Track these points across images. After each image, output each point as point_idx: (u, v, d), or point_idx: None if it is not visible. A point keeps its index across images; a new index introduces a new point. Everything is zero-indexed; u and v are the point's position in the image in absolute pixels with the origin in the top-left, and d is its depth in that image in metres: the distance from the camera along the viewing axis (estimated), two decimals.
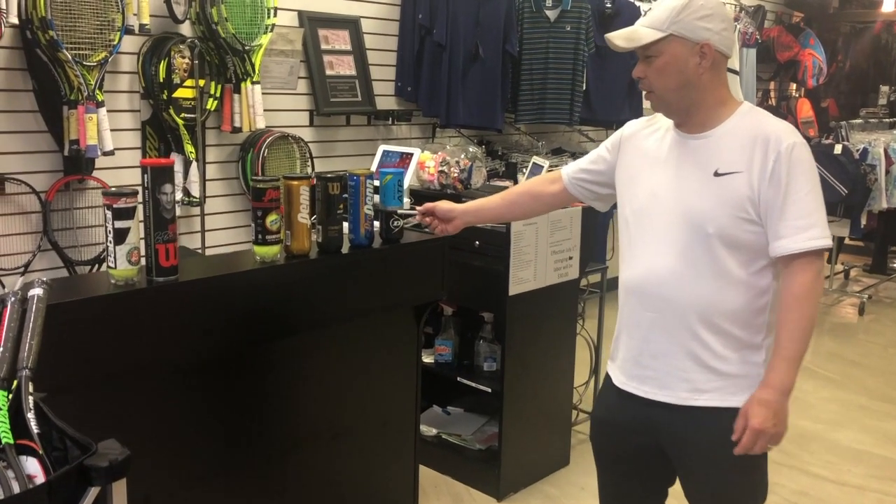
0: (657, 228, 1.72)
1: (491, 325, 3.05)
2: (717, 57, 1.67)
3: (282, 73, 3.72)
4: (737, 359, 1.68)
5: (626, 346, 1.81)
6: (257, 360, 2.02)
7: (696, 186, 1.67)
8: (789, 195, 1.60)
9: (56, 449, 1.25)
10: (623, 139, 1.88)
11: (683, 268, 1.68)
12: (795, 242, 1.60)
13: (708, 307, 1.67)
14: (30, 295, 1.39)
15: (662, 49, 1.64)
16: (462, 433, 3.25)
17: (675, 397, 1.72)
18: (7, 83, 2.90)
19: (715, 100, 1.69)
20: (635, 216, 1.78)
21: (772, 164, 1.61)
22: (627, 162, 1.84)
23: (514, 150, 4.88)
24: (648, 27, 1.66)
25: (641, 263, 1.75)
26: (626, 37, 1.69)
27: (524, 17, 4.55)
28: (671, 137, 1.75)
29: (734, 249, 1.65)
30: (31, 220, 3.00)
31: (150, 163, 1.74)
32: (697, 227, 1.66)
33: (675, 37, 1.63)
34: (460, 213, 2.11)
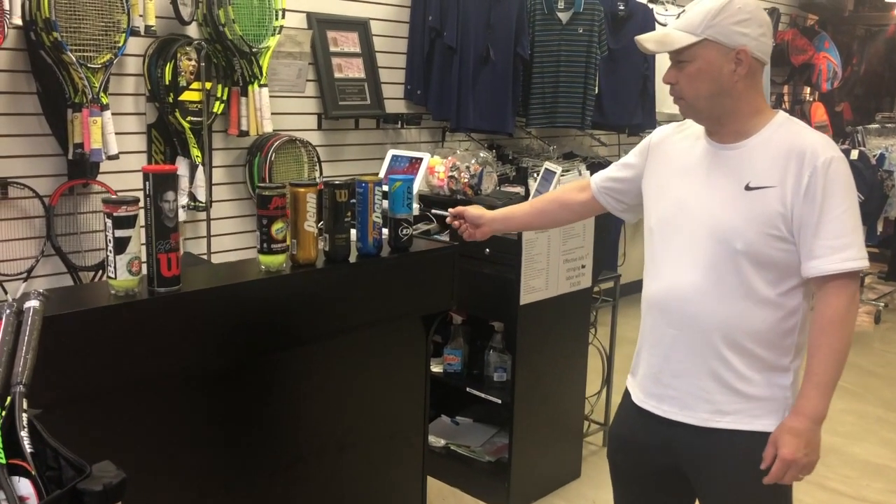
0: (683, 242, 1.65)
1: (501, 334, 2.99)
2: (754, 64, 1.58)
3: (290, 76, 3.67)
4: (762, 381, 1.61)
5: (646, 363, 1.74)
6: (262, 372, 1.96)
7: (725, 200, 1.59)
8: (825, 213, 1.52)
9: (50, 468, 1.19)
10: (651, 146, 1.81)
11: (708, 284, 1.60)
12: (830, 263, 1.52)
13: (733, 327, 1.60)
14: (25, 307, 1.33)
15: (696, 54, 1.56)
16: (471, 444, 3.18)
17: (695, 418, 1.64)
18: (10, 85, 2.85)
19: (749, 109, 1.61)
20: (661, 227, 1.71)
21: (807, 179, 1.52)
22: (655, 170, 1.77)
23: (525, 155, 4.82)
24: (682, 31, 1.57)
25: (665, 277, 1.68)
26: (657, 40, 1.62)
27: (536, 20, 4.49)
28: (702, 146, 1.67)
29: (762, 267, 1.58)
30: (35, 224, 2.96)
31: (152, 169, 1.68)
32: (725, 242, 1.58)
33: (710, 41, 1.55)
34: (489, 220, 2.08)
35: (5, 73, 2.83)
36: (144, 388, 1.71)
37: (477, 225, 2.08)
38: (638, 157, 1.84)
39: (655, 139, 1.81)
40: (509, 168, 4.44)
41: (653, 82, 5.14)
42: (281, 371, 2.01)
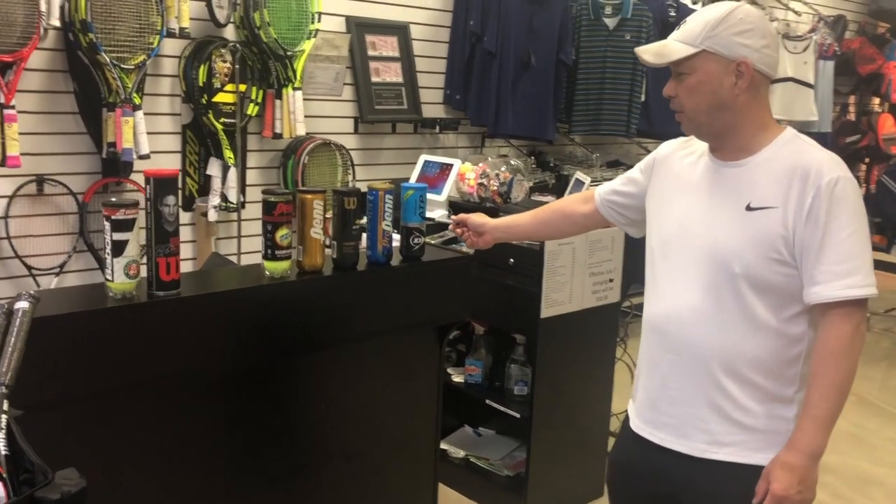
0: (682, 263, 1.58)
1: (523, 347, 2.92)
2: (757, 77, 1.51)
3: (327, 80, 3.67)
4: (763, 412, 1.53)
5: (644, 388, 1.68)
6: (265, 378, 1.95)
7: (725, 220, 1.53)
8: (828, 236, 1.44)
9: (27, 471, 1.19)
10: (657, 161, 1.75)
11: (707, 309, 1.54)
12: (832, 290, 1.44)
13: (732, 354, 1.52)
14: (15, 308, 1.34)
15: (695, 66, 1.50)
16: (491, 457, 3.13)
17: (691, 448, 1.58)
18: (49, 85, 2.92)
19: (752, 125, 1.54)
20: (661, 247, 1.64)
21: (810, 200, 1.45)
22: (658, 187, 1.71)
23: (568, 162, 4.74)
24: (681, 41, 1.52)
25: (664, 300, 1.62)
26: (655, 51, 1.57)
27: (581, 25, 4.41)
28: (704, 163, 1.61)
29: (763, 292, 1.50)
30: (69, 220, 3.03)
31: (152, 173, 1.69)
32: (723, 265, 1.51)
33: (709, 53, 1.49)
34: (491, 228, 2.06)
35: (44, 73, 2.90)
36: (143, 391, 1.71)
37: (479, 233, 2.06)
38: (643, 173, 1.78)
39: (661, 154, 1.75)
40: (549, 175, 4.37)
41: None
42: (286, 378, 2.00)
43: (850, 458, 3.55)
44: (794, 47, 6.08)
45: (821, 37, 6.32)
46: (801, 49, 6.11)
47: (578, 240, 2.74)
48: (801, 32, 6.19)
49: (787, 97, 6.03)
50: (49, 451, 1.13)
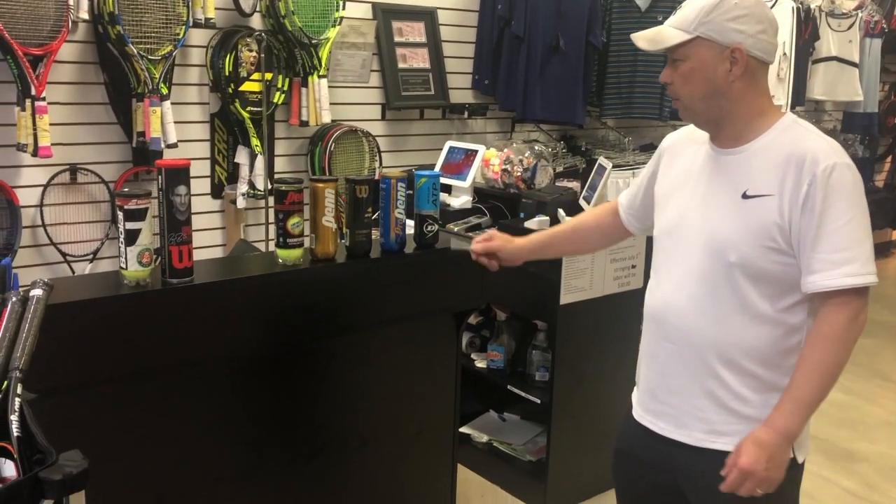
0: (681, 253, 1.58)
1: (545, 333, 2.93)
2: (752, 63, 1.50)
3: (354, 67, 3.70)
4: (760, 402, 1.52)
5: (644, 377, 1.69)
6: (279, 364, 1.98)
7: (721, 209, 1.52)
8: (824, 224, 1.42)
9: (39, 452, 1.24)
10: (662, 153, 1.75)
11: (703, 298, 1.53)
12: (829, 279, 1.42)
13: (728, 343, 1.52)
14: (30, 295, 1.39)
15: (689, 53, 1.49)
16: (514, 442, 3.14)
17: (690, 437, 1.58)
18: (80, 76, 3.00)
19: (749, 111, 1.52)
20: (663, 237, 1.65)
21: (806, 187, 1.43)
22: (664, 177, 1.70)
23: (600, 146, 4.69)
24: (675, 28, 1.50)
25: (663, 289, 1.62)
26: (650, 38, 1.55)
27: (613, 7, 4.35)
28: (705, 151, 1.60)
29: (759, 282, 1.49)
30: (101, 208, 3.11)
31: (164, 164, 1.73)
32: (719, 254, 1.50)
33: (703, 39, 1.47)
34: (526, 254, 2.00)
35: (75, 65, 2.98)
36: (157, 377, 1.76)
37: (511, 260, 1.99)
38: (651, 171, 1.77)
39: (665, 145, 1.75)
40: (579, 160, 4.33)
41: None
42: (301, 364, 2.03)
43: (884, 446, 3.48)
44: (839, 25, 5.90)
45: (867, 13, 6.12)
46: (846, 27, 5.93)
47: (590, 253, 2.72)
48: (846, 9, 6.01)
49: (830, 77, 5.86)
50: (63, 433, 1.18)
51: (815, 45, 5.77)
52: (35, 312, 1.37)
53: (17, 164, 2.90)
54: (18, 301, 1.38)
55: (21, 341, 1.30)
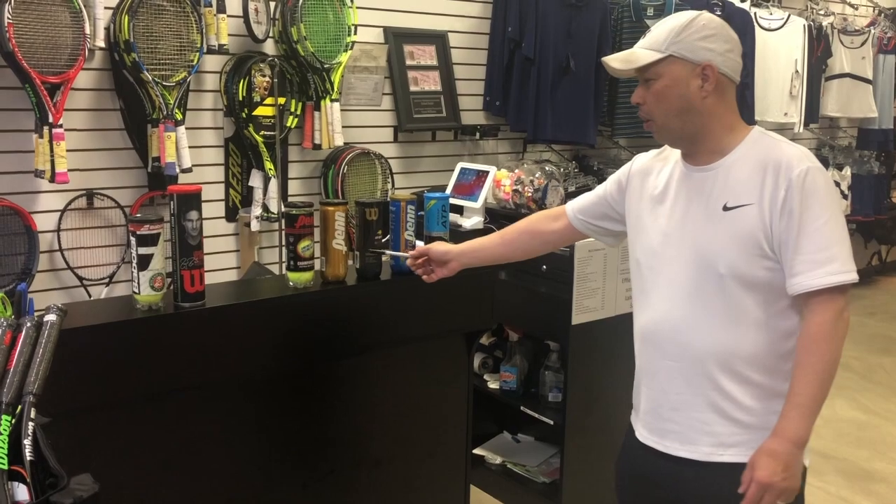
0: (668, 271, 1.61)
1: (557, 353, 2.92)
2: (722, 80, 1.55)
3: (366, 90, 3.74)
4: (762, 409, 1.54)
5: (646, 398, 1.70)
6: (291, 386, 2.00)
7: (704, 224, 1.56)
8: (804, 226, 1.46)
9: (52, 476, 1.26)
10: (631, 174, 1.77)
11: (697, 312, 1.56)
12: (813, 279, 1.46)
13: (727, 353, 1.54)
14: (44, 320, 1.42)
15: (661, 71, 1.54)
16: (527, 463, 3.13)
17: (698, 453, 1.59)
18: (97, 103, 3.05)
19: (721, 127, 1.56)
20: (646, 258, 1.67)
21: (783, 192, 1.47)
22: (635, 200, 1.73)
23: (612, 166, 4.70)
24: (647, 48, 1.56)
25: (654, 309, 1.64)
26: (622, 59, 1.59)
27: (623, 27, 4.38)
28: (679, 171, 1.64)
29: (750, 289, 1.52)
30: (117, 233, 3.15)
31: (176, 189, 1.76)
32: (708, 266, 1.54)
33: (675, 58, 1.53)
34: (456, 254, 1.97)
35: (92, 92, 3.03)
36: (169, 400, 1.77)
37: (443, 262, 1.96)
38: (618, 185, 1.80)
39: (635, 167, 1.77)
40: (591, 180, 4.34)
41: (752, 90, 4.91)
42: (313, 385, 2.04)
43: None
44: (851, 42, 5.90)
45: (880, 30, 6.12)
46: (859, 43, 5.93)
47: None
48: (858, 26, 6.00)
49: (844, 93, 5.85)
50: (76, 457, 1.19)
51: (827, 62, 5.77)
52: (49, 337, 1.39)
53: (34, 189, 2.95)
54: (33, 326, 1.40)
55: (35, 366, 1.32)
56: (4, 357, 1.29)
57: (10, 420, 1.22)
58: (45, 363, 1.34)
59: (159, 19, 2.95)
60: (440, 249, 1.98)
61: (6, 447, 1.21)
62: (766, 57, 5.07)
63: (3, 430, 1.23)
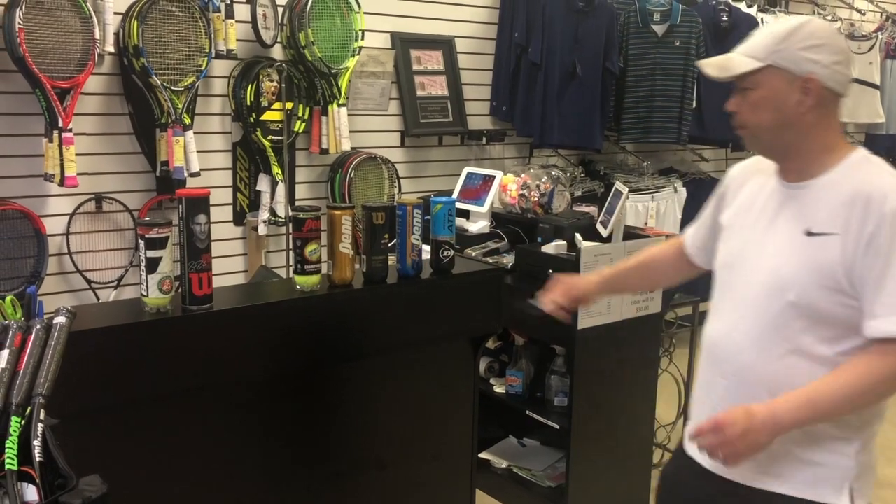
0: (740, 287, 1.53)
1: (563, 358, 2.92)
2: (825, 94, 1.44)
3: (373, 95, 3.75)
4: (818, 447, 1.46)
5: (698, 409, 1.63)
6: (298, 389, 2.01)
7: (784, 245, 1.47)
8: (890, 267, 1.36)
9: (61, 477, 1.27)
10: (728, 182, 1.70)
11: (757, 336, 1.48)
12: (891, 325, 1.36)
13: (783, 385, 1.44)
14: (53, 322, 1.43)
15: (759, 81, 1.45)
16: (533, 468, 3.13)
17: (741, 476, 1.51)
18: (106, 107, 3.07)
19: (819, 145, 1.47)
20: (723, 269, 1.61)
21: (871, 228, 1.37)
22: (729, 208, 1.66)
23: (618, 170, 4.71)
24: (745, 55, 1.46)
25: (721, 323, 1.58)
26: (719, 65, 1.50)
27: (629, 33, 4.38)
28: (771, 184, 1.55)
29: (819, 323, 1.43)
30: (126, 236, 3.17)
31: (184, 193, 1.77)
32: (778, 291, 1.45)
33: (775, 68, 1.43)
34: (595, 291, 1.91)
35: (101, 97, 3.05)
36: (177, 402, 1.79)
37: (582, 301, 1.92)
38: (715, 200, 1.72)
39: (731, 175, 1.70)
40: (597, 184, 4.35)
41: None
42: (319, 389, 2.05)
43: None
44: (859, 47, 5.89)
45: (888, 35, 6.11)
46: (866, 49, 5.92)
47: (615, 251, 2.72)
48: (865, 32, 6.00)
49: (852, 99, 5.83)
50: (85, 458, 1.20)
51: None
52: (58, 339, 1.40)
53: (44, 193, 2.97)
54: (42, 328, 1.41)
55: (44, 368, 1.33)
56: (14, 359, 1.30)
57: (19, 421, 1.23)
58: (54, 365, 1.35)
59: (168, 25, 2.97)
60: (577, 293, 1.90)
61: (16, 448, 1.22)
62: None
63: (14, 432, 1.24)
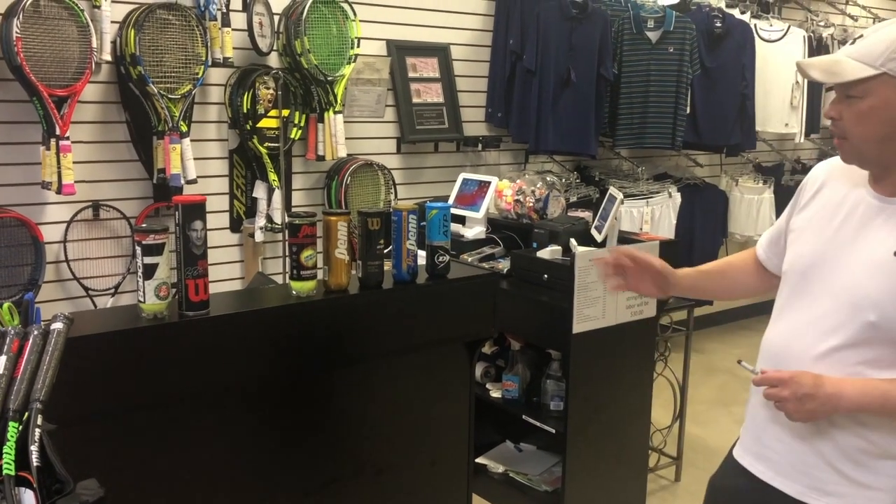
0: (812, 296, 1.48)
1: (558, 362, 2.94)
2: None
3: (369, 102, 3.77)
4: (875, 467, 1.43)
5: (752, 416, 1.60)
6: (294, 395, 2.02)
7: (870, 262, 1.40)
8: None
9: (58, 482, 1.28)
10: (805, 183, 1.63)
11: (827, 351, 1.43)
12: None
13: None
14: (51, 328, 1.44)
15: (871, 89, 1.36)
16: (530, 472, 3.14)
17: (791, 488, 1.50)
18: (103, 115, 3.09)
19: None
20: (793, 273, 1.54)
21: None
22: (804, 209, 1.59)
23: (613, 176, 4.73)
24: (858, 60, 1.36)
25: (784, 330, 1.53)
26: (825, 69, 1.41)
27: (623, 40, 4.41)
28: (859, 193, 1.48)
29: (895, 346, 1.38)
30: (123, 244, 3.18)
31: (180, 200, 1.78)
32: (857, 310, 1.39)
33: (890, 76, 1.34)
34: (674, 285, 1.73)
35: (98, 105, 3.07)
36: (174, 407, 1.79)
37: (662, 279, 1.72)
38: (792, 204, 1.65)
39: (813, 175, 1.62)
40: (592, 190, 4.37)
41: (752, 101, 4.94)
42: (316, 394, 2.06)
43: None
44: None
45: None
46: None
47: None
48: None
49: None
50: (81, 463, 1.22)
51: None
52: (56, 345, 1.41)
53: (41, 201, 2.99)
54: (40, 335, 1.42)
55: (42, 373, 1.34)
56: (12, 365, 1.31)
57: (17, 427, 1.24)
58: (51, 371, 1.36)
59: (165, 33, 2.99)
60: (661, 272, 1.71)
61: (13, 453, 1.24)
62: (766, 68, 5.10)
63: (11, 437, 1.25)
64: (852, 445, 1.43)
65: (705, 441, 3.62)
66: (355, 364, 2.11)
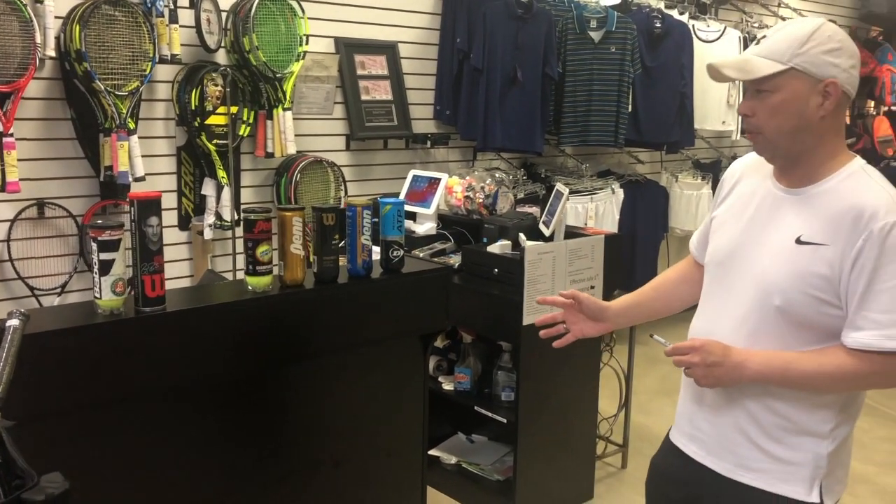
0: (728, 286, 1.56)
1: (509, 354, 3.01)
2: (842, 98, 1.44)
3: (318, 99, 3.78)
4: (794, 444, 1.50)
5: (683, 401, 1.69)
6: (251, 389, 2.03)
7: (773, 250, 1.48)
8: (875, 283, 1.38)
9: (18, 477, 1.28)
10: (725, 177, 1.71)
11: (741, 336, 1.51)
12: (871, 338, 1.39)
13: (764, 386, 1.49)
14: (7, 325, 1.44)
15: (780, 84, 1.43)
16: (482, 462, 3.20)
17: (720, 466, 1.58)
18: (47, 112, 3.04)
19: (828, 151, 1.48)
20: (714, 264, 1.63)
21: (860, 243, 1.39)
22: (725, 201, 1.67)
23: (559, 173, 4.83)
24: (766, 58, 1.43)
25: (706, 319, 1.62)
26: (738, 66, 1.47)
27: (567, 39, 4.51)
28: (766, 187, 1.56)
29: (804, 329, 1.46)
30: (69, 242, 3.13)
31: (136, 196, 1.78)
32: (764, 296, 1.48)
33: (797, 71, 1.41)
34: (613, 314, 1.77)
35: (43, 101, 3.02)
36: (131, 403, 1.80)
37: (597, 320, 1.78)
38: (715, 201, 1.72)
39: (731, 170, 1.70)
40: (539, 187, 4.46)
41: (691, 99, 5.09)
42: (273, 388, 2.08)
43: None
44: None
45: None
46: None
47: (558, 248, 2.82)
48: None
49: None
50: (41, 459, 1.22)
51: None
52: (12, 342, 1.41)
53: None
54: None
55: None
56: None
57: None
58: (8, 367, 1.36)
59: (111, 29, 2.96)
60: (596, 306, 1.77)
61: None
62: (704, 68, 5.25)
63: None
64: (771, 423, 1.51)
65: (650, 429, 3.73)
66: (312, 358, 2.13)
